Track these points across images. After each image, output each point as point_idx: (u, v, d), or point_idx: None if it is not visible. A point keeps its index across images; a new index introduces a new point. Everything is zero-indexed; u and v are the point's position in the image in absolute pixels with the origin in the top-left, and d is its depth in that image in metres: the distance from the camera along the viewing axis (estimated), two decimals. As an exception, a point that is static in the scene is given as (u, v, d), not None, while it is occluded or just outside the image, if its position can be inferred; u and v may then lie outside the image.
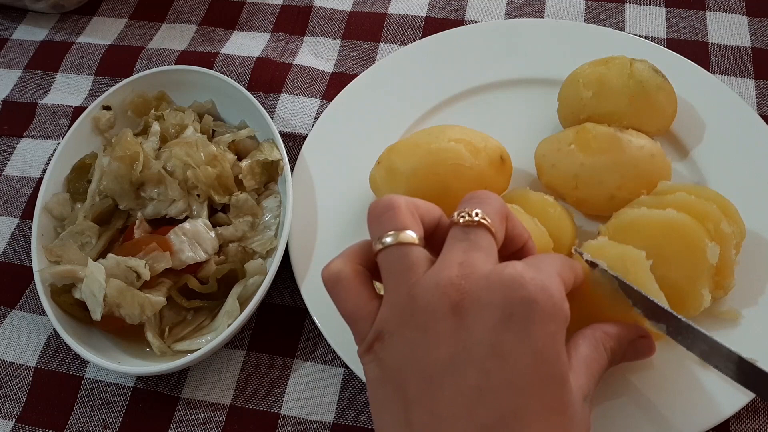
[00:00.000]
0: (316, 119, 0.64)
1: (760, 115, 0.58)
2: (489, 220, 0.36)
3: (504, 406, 0.31)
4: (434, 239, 0.38)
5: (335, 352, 0.51)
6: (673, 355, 0.48)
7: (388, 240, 0.35)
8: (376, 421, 0.35)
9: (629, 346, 0.40)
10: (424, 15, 0.72)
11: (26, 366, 0.54)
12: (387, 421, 0.34)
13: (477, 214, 0.36)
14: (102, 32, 0.74)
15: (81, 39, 0.73)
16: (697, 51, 0.66)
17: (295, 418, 0.51)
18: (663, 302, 0.42)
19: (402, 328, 0.34)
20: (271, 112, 0.65)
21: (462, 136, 0.53)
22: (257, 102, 0.59)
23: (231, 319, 0.51)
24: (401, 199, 0.37)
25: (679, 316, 0.40)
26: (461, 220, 0.36)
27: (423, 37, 0.69)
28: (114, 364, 0.49)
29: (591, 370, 0.37)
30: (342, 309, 0.37)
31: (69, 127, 0.62)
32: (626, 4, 0.70)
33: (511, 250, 0.39)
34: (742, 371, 0.38)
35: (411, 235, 0.35)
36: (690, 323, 0.40)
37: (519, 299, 0.32)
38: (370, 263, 0.37)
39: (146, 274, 0.50)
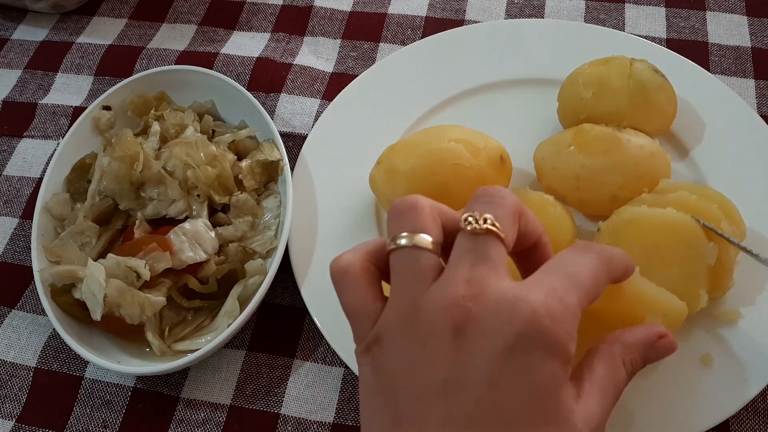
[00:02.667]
0: (316, 119, 0.64)
1: (760, 115, 0.58)
2: (498, 226, 0.33)
3: None
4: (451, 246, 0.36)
5: (335, 352, 0.51)
6: (673, 355, 0.48)
7: (403, 241, 0.34)
8: (364, 425, 0.34)
9: (650, 350, 0.37)
10: (424, 15, 0.72)
11: (26, 366, 0.54)
12: (374, 429, 0.33)
13: (486, 220, 0.33)
14: (102, 32, 0.74)
15: (81, 39, 0.73)
16: (697, 51, 0.66)
17: (295, 418, 0.51)
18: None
19: (402, 337, 0.33)
20: (271, 112, 0.65)
21: (462, 136, 0.53)
22: (257, 102, 0.59)
23: (231, 319, 0.51)
24: (426, 201, 0.35)
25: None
26: (468, 227, 0.33)
27: (423, 37, 0.69)
28: (114, 364, 0.49)
29: (606, 392, 0.34)
30: (345, 304, 0.36)
31: (69, 127, 0.62)
32: (626, 4, 0.70)
33: (524, 246, 0.37)
34: None
35: (426, 239, 0.33)
36: None
37: (524, 332, 0.31)
38: (382, 263, 0.36)
39: (146, 274, 0.50)
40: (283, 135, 0.61)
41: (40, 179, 0.63)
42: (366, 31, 0.71)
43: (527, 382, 0.30)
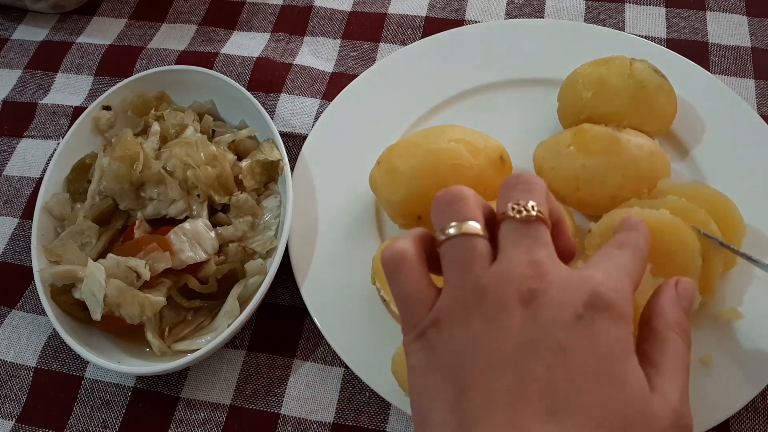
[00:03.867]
0: (316, 119, 0.64)
1: (760, 115, 0.58)
2: (544, 213, 0.35)
3: (563, 397, 0.31)
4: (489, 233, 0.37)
5: (335, 352, 0.51)
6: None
7: (452, 230, 0.35)
8: (418, 407, 0.34)
9: (683, 302, 0.37)
10: (424, 15, 0.72)
11: (26, 366, 0.54)
12: (433, 406, 0.33)
13: (533, 207, 0.35)
14: (102, 32, 0.74)
15: (81, 39, 0.73)
16: (697, 51, 0.66)
17: (295, 418, 0.51)
18: None
19: (465, 316, 0.33)
20: (271, 112, 0.65)
21: (462, 136, 0.53)
22: (257, 102, 0.59)
23: (231, 319, 0.51)
24: (470, 191, 0.36)
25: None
26: (518, 215, 0.35)
27: (423, 37, 0.69)
28: (114, 364, 0.49)
29: (676, 370, 0.34)
30: (400, 290, 0.35)
31: (69, 127, 0.62)
32: (626, 4, 0.70)
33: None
34: None
35: (476, 226, 0.34)
36: None
37: (591, 302, 0.32)
38: (431, 254, 0.36)
39: (146, 274, 0.50)
40: (283, 135, 0.61)
41: (40, 179, 0.63)
42: (366, 31, 0.71)
43: (596, 347, 0.31)
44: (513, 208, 0.35)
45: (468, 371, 0.32)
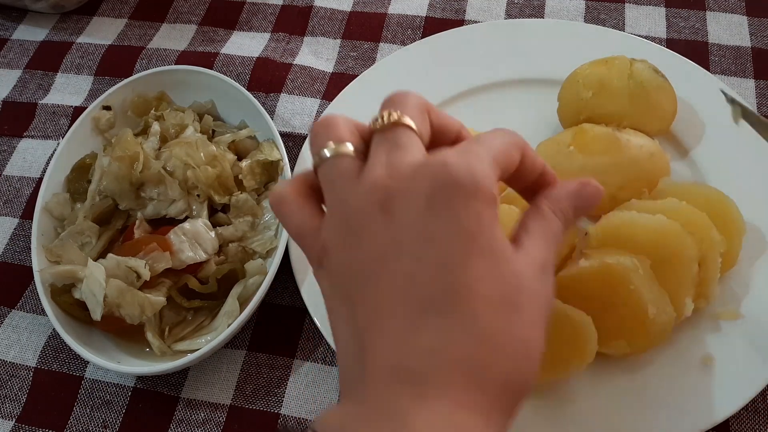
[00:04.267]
0: (316, 119, 0.64)
1: (761, 115, 0.58)
2: (407, 118, 0.36)
3: (438, 285, 0.32)
4: None
5: (335, 352, 0.51)
6: (673, 355, 0.48)
7: (326, 152, 0.36)
8: (332, 329, 0.35)
9: (577, 199, 0.38)
10: (424, 15, 0.72)
11: (26, 366, 0.54)
12: (338, 326, 0.35)
13: (392, 116, 0.36)
14: (102, 32, 0.74)
15: (81, 39, 0.73)
16: (697, 51, 0.66)
17: (295, 418, 0.51)
18: None
19: (341, 236, 0.34)
20: (271, 112, 0.65)
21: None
22: (257, 102, 0.59)
23: (231, 319, 0.51)
24: (339, 116, 0.37)
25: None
26: (378, 126, 0.36)
27: (423, 37, 0.69)
28: (114, 364, 0.49)
29: (544, 239, 0.36)
30: (288, 228, 0.37)
31: (69, 127, 0.62)
32: (626, 4, 0.70)
33: (446, 142, 0.39)
34: None
35: (346, 147, 0.35)
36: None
37: (441, 183, 0.32)
38: (317, 186, 0.37)
39: (146, 274, 0.50)
40: (283, 135, 0.61)
41: (40, 179, 0.63)
42: (366, 31, 0.71)
43: (456, 227, 0.32)
44: (377, 121, 0.36)
45: (354, 289, 0.33)
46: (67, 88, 0.70)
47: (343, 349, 0.34)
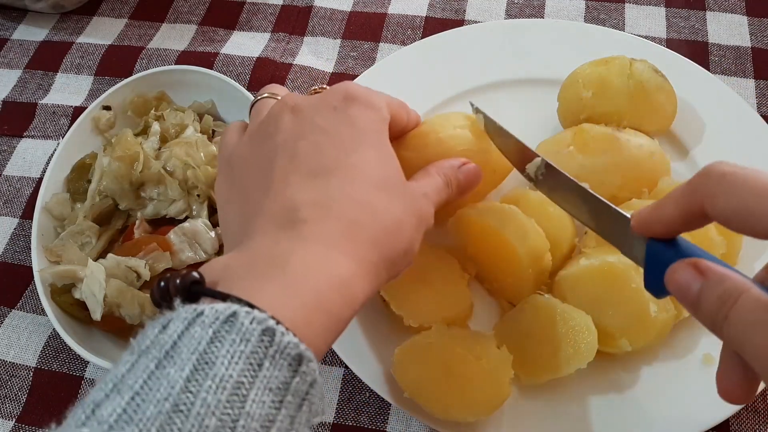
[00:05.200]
0: (316, 119, 0.64)
1: (761, 115, 0.58)
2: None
3: (329, 161, 0.38)
4: None
5: (335, 352, 0.51)
6: (673, 355, 0.48)
7: (260, 97, 0.45)
8: (223, 222, 0.42)
9: (460, 173, 0.45)
10: (424, 15, 0.72)
11: (26, 366, 0.54)
12: (230, 214, 0.41)
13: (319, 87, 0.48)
14: (102, 32, 0.74)
15: (81, 39, 0.73)
16: (697, 51, 0.66)
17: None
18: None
19: (254, 135, 0.42)
20: (271, 112, 0.65)
21: (465, 122, 0.52)
22: (257, 102, 0.59)
23: (231, 319, 0.51)
24: (281, 88, 0.47)
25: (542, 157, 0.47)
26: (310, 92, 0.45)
27: (423, 37, 0.69)
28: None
29: (429, 184, 0.43)
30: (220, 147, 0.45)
31: (69, 127, 0.62)
32: (626, 4, 0.70)
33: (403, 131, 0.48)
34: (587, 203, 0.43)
35: (276, 92, 0.45)
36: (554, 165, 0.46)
37: (343, 96, 0.41)
38: None
39: (146, 274, 0.50)
40: (283, 135, 0.61)
41: (40, 179, 0.63)
42: (366, 31, 0.71)
43: (352, 124, 0.40)
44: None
45: (253, 175, 0.40)
46: (67, 88, 0.70)
47: (232, 225, 0.40)
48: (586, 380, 0.48)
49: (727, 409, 0.46)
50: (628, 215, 0.38)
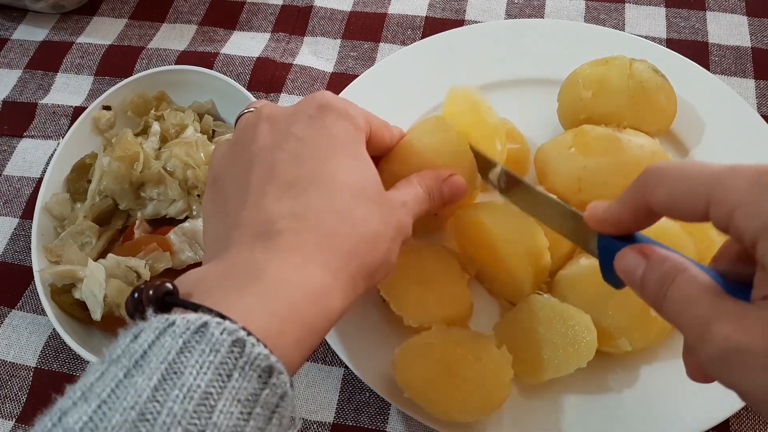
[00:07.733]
0: (316, 119, 0.64)
1: (761, 115, 0.58)
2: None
3: (305, 171, 0.38)
4: None
5: (335, 352, 0.51)
6: (673, 355, 0.48)
7: (244, 111, 0.45)
8: (205, 232, 0.41)
9: (444, 185, 0.45)
10: (424, 15, 0.72)
11: (26, 366, 0.54)
12: (211, 223, 0.41)
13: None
14: (102, 32, 0.74)
15: (81, 39, 0.73)
16: (697, 51, 0.66)
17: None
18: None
19: (232, 148, 0.42)
20: (271, 112, 0.65)
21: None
22: (257, 102, 0.59)
23: (231, 319, 0.51)
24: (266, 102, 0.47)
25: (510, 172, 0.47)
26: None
27: (423, 37, 0.69)
28: (114, 364, 0.49)
29: (409, 193, 0.43)
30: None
31: (69, 127, 0.62)
32: (626, 4, 0.70)
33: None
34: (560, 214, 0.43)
35: (260, 106, 0.44)
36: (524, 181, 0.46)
37: (318, 105, 0.41)
38: None
39: (146, 274, 0.50)
40: (283, 135, 0.61)
41: (40, 179, 0.63)
42: (366, 31, 0.71)
43: (326, 133, 0.40)
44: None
45: (231, 185, 0.40)
46: (67, 88, 0.70)
47: (212, 238, 0.40)
48: (587, 380, 0.48)
49: (727, 409, 0.46)
50: (582, 214, 0.39)
